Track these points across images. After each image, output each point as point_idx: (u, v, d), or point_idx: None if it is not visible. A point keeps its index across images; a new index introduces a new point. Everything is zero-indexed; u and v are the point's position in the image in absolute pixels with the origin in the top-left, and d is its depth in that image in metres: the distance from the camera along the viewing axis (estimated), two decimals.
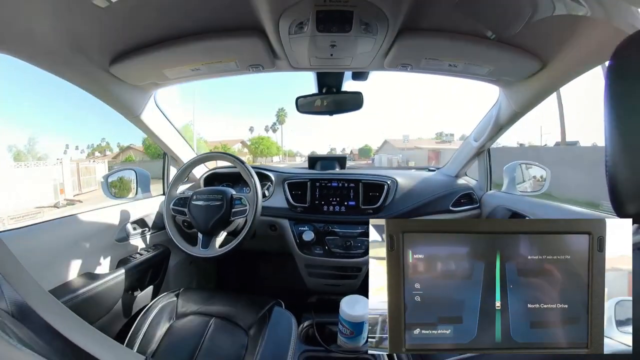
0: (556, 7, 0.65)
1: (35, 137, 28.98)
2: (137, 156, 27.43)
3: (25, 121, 31.08)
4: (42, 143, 30.05)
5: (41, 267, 0.90)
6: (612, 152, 0.35)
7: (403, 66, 1.03)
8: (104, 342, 0.44)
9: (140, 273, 1.24)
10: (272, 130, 47.97)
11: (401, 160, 29.12)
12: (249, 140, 41.43)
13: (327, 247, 1.37)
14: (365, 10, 0.73)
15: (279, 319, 1.00)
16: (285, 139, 61.94)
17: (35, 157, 19.71)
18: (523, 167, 1.45)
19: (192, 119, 30.73)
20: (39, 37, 0.75)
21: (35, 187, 12.75)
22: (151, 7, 0.75)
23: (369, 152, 46.92)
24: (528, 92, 1.08)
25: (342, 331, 0.97)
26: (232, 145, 36.17)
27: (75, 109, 33.45)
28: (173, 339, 0.94)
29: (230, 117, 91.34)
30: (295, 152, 57.62)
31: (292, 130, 49.03)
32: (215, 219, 1.15)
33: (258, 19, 0.79)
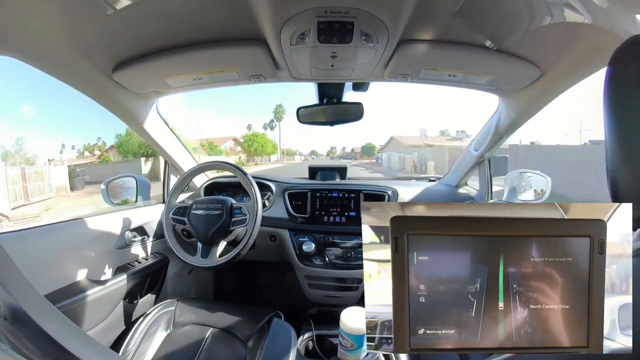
0: (554, 15, 0.66)
1: (26, 135, 27.31)
2: (116, 157, 24.09)
3: (19, 119, 29.66)
4: (35, 142, 29.07)
5: (38, 271, 0.89)
6: (613, 157, 0.35)
7: (403, 77, 1.04)
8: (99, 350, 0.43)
9: (138, 281, 1.23)
10: (269, 128, 45.23)
11: (417, 160, 23.84)
12: (242, 137, 37.59)
13: (327, 258, 1.36)
14: (365, 21, 0.74)
15: (278, 330, 0.99)
16: (284, 137, 57.81)
17: (23, 157, 18.12)
18: (524, 175, 1.45)
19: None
20: (43, 42, 0.76)
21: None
22: (155, 16, 0.76)
23: (373, 150, 44.29)
24: (527, 100, 1.09)
25: (342, 344, 0.95)
26: (223, 144, 32.51)
27: (73, 106, 31.72)
28: (169, 349, 0.93)
29: (228, 115, 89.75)
30: (295, 151, 54.42)
31: (290, 127, 46.86)
32: (215, 228, 1.15)
33: (260, 29, 0.80)
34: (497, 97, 1.23)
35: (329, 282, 1.37)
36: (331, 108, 1.29)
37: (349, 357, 0.95)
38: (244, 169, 1.27)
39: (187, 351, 0.91)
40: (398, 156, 27.48)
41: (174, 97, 1.10)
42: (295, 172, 2.83)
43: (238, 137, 37.53)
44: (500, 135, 1.31)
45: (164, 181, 1.61)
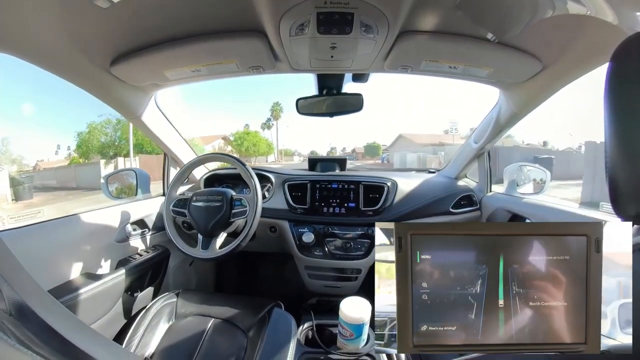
0: (556, 8, 0.65)
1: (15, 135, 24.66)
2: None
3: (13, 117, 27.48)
4: (28, 142, 27.60)
5: (40, 267, 0.90)
6: (612, 154, 0.35)
7: (403, 68, 1.03)
8: (103, 342, 0.44)
9: (139, 274, 1.24)
10: (267, 128, 40.52)
11: (443, 161, 18.49)
12: (232, 135, 33.20)
13: (327, 248, 1.37)
14: (365, 12, 0.73)
15: (278, 320, 1.00)
16: (282, 137, 53.23)
17: (9, 159, 16.59)
18: (523, 168, 1.45)
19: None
20: (40, 38, 0.75)
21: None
22: (152, 8, 0.75)
23: (377, 150, 40.72)
24: (528, 94, 1.09)
25: (342, 333, 0.97)
26: (210, 143, 28.98)
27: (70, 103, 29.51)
28: (172, 340, 0.94)
29: (222, 113, 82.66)
30: (294, 151, 50.80)
31: (287, 126, 44.15)
32: (215, 220, 1.15)
33: (259, 20, 0.79)
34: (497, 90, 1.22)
35: (329, 272, 1.38)
36: (331, 99, 1.28)
37: (348, 346, 0.96)
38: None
39: (190, 342, 0.92)
40: (416, 156, 23.36)
41: (171, 94, 1.08)
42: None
43: (229, 135, 33.41)
44: (501, 127, 1.31)
45: (163, 174, 1.61)
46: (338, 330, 0.98)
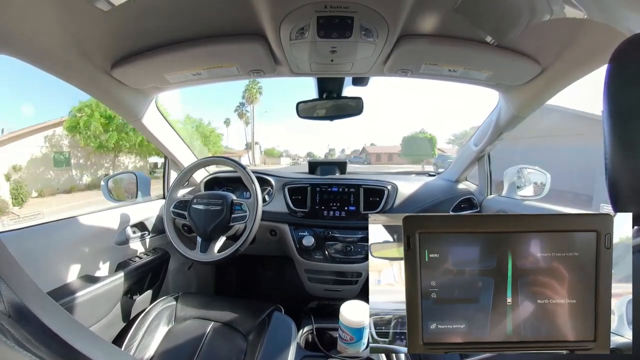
0: (554, 10, 0.66)
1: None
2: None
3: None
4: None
5: (40, 268, 0.90)
6: (612, 156, 0.35)
7: (403, 71, 1.04)
8: (102, 345, 0.44)
9: (139, 276, 1.24)
10: (238, 116, 30.85)
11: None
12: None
13: (327, 252, 1.37)
14: (365, 16, 0.74)
15: (278, 324, 1.00)
16: (269, 133, 40.71)
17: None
18: (523, 171, 1.45)
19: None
20: (41, 40, 0.75)
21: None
22: (153, 12, 0.76)
23: (429, 146, 28.19)
24: (527, 96, 1.09)
25: (342, 337, 0.96)
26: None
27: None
28: (171, 344, 0.94)
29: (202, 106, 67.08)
30: (281, 152, 40.76)
31: (265, 111, 35.25)
32: (214, 223, 1.15)
33: (259, 24, 0.79)
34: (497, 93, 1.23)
35: (329, 276, 1.38)
36: (331, 103, 1.28)
37: (348, 350, 0.96)
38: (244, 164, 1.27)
39: (189, 345, 0.92)
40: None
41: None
42: None
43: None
44: (500, 130, 1.31)
45: (164, 176, 1.61)
46: (338, 334, 0.98)
